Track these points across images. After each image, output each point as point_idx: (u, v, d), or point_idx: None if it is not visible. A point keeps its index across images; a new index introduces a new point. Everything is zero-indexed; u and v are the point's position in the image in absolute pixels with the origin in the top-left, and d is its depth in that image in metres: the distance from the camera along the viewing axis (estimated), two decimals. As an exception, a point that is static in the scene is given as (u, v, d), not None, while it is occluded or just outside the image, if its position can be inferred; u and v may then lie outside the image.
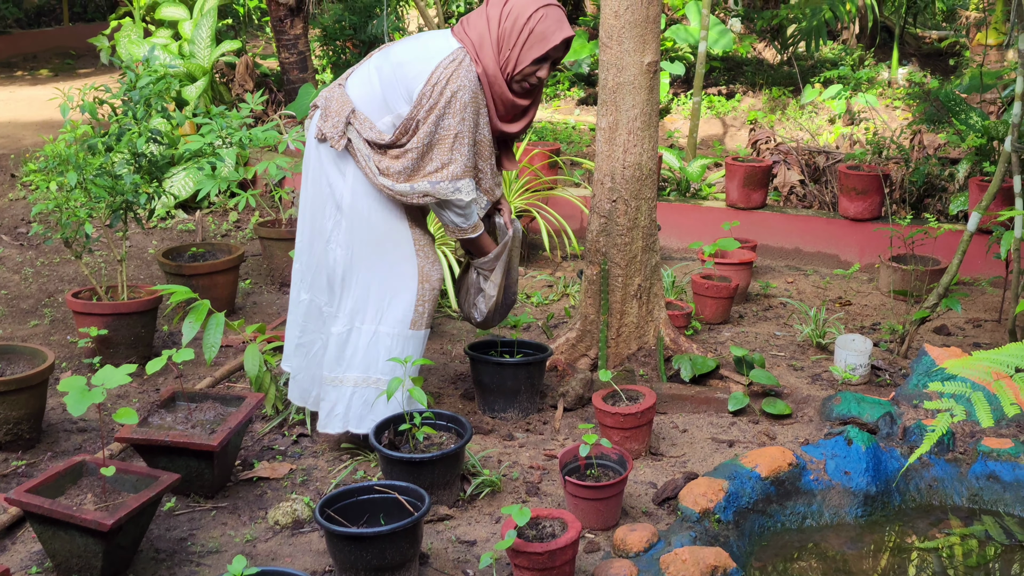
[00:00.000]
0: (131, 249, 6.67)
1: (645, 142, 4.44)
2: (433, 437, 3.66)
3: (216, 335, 3.89)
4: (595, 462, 3.51)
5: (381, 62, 3.79)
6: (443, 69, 3.66)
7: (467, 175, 3.76)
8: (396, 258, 3.84)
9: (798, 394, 4.44)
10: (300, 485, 3.76)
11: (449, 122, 3.68)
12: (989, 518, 3.65)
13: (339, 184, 3.80)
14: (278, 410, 4.22)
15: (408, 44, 3.84)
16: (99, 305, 4.73)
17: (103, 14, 15.36)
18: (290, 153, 7.51)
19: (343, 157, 3.77)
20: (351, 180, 3.78)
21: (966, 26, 11.19)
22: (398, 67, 3.73)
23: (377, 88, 3.76)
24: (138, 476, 3.31)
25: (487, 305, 4.12)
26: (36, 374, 3.95)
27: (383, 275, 3.83)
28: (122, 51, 8.89)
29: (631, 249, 4.51)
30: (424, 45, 3.79)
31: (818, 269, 6.63)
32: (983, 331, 5.44)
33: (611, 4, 4.34)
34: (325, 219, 3.85)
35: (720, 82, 11.18)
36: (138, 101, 4.92)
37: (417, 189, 3.73)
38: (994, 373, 2.67)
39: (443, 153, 3.71)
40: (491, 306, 4.11)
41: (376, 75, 3.78)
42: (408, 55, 3.76)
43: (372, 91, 3.77)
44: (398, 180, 3.72)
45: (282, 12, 8.86)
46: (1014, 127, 4.68)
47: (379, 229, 3.82)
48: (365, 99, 3.77)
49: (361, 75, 3.83)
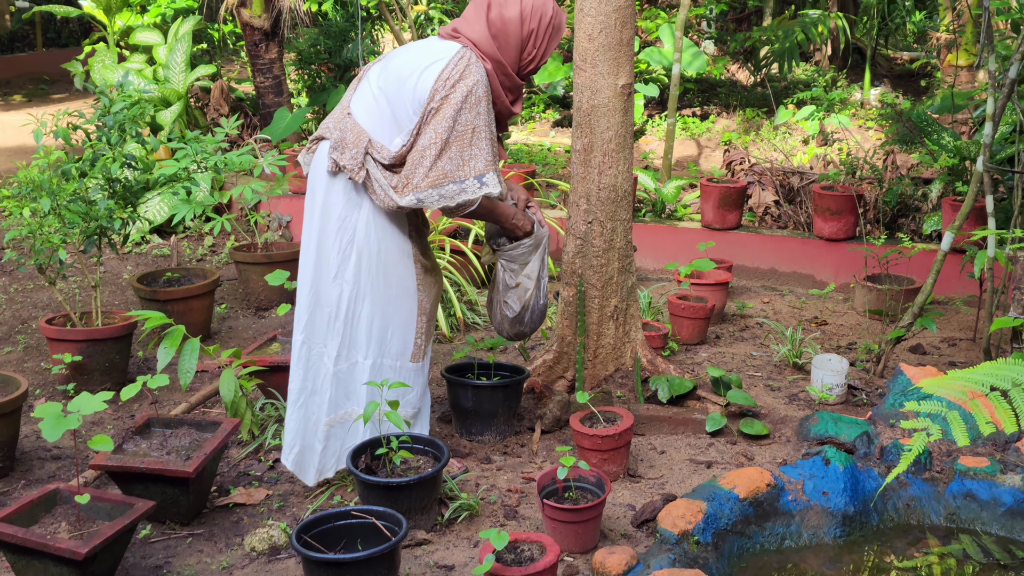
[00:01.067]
0: (106, 275, 6.64)
1: (620, 164, 4.45)
2: (410, 461, 3.64)
3: (191, 361, 3.87)
4: (573, 485, 3.50)
5: (384, 82, 3.69)
6: (453, 67, 3.60)
7: (490, 168, 3.65)
8: (399, 292, 3.78)
9: (775, 414, 4.45)
10: (277, 511, 3.73)
11: (467, 117, 3.59)
12: (967, 537, 3.65)
13: (353, 217, 3.69)
14: (254, 435, 4.19)
15: (405, 55, 3.75)
16: (73, 331, 4.69)
17: (77, 40, 15.33)
18: (265, 177, 7.50)
19: (359, 189, 3.67)
20: (366, 213, 3.69)
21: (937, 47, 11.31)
22: (403, 81, 3.64)
23: (386, 109, 3.67)
24: (113, 504, 3.28)
25: (521, 302, 4.01)
26: (9, 401, 3.91)
27: (384, 310, 3.76)
28: (96, 76, 8.87)
29: (607, 270, 4.52)
30: (424, 52, 3.72)
31: (794, 289, 6.66)
32: (958, 350, 5.47)
33: (585, 27, 4.36)
34: (332, 253, 3.72)
35: (694, 103, 11.24)
36: (112, 126, 4.90)
37: (444, 193, 3.60)
38: (969, 392, 2.68)
39: (463, 149, 3.60)
40: (526, 300, 4.00)
41: (382, 96, 3.68)
42: (410, 65, 3.67)
43: (381, 114, 3.68)
44: (419, 189, 3.59)
45: (257, 36, 8.86)
46: (986, 147, 4.72)
47: (387, 264, 3.74)
48: (376, 124, 3.68)
49: (365, 100, 3.73)
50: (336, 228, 3.70)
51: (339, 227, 3.70)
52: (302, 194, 7.61)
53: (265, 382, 4.38)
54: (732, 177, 7.65)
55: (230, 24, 11.64)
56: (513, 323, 4.09)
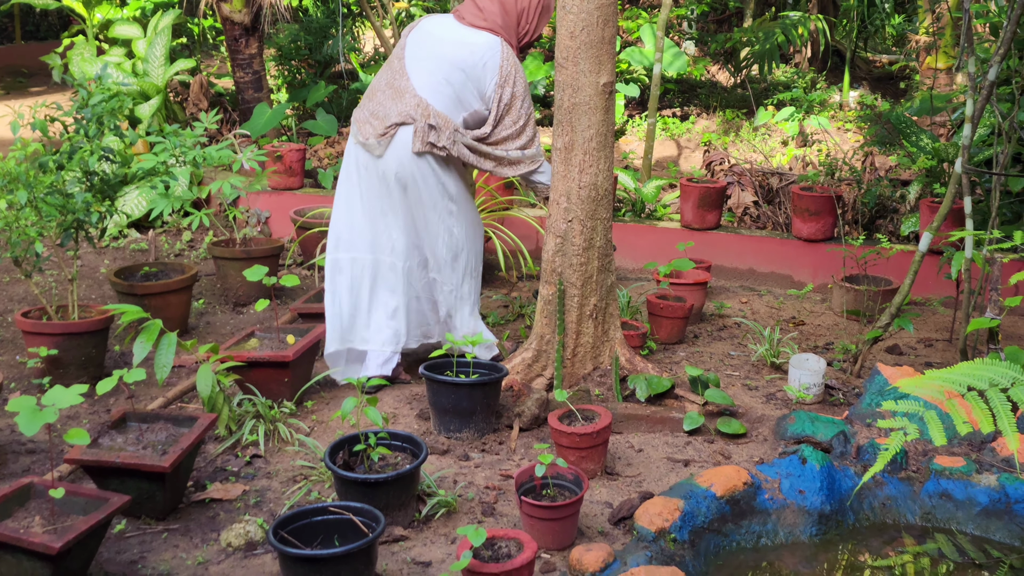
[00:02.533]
0: (83, 268, 6.60)
1: (601, 162, 4.45)
2: (388, 457, 3.63)
3: (168, 355, 3.85)
4: (551, 482, 3.50)
5: (448, 75, 4.57)
6: (504, 60, 4.60)
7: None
8: (479, 234, 4.91)
9: (753, 413, 4.46)
10: (253, 506, 3.71)
11: (529, 102, 4.71)
12: (942, 536, 3.67)
13: (448, 181, 4.65)
14: (231, 431, 4.17)
15: (457, 47, 4.60)
16: (49, 325, 4.66)
17: (56, 32, 15.23)
18: (244, 173, 7.48)
19: (448, 158, 4.61)
20: (455, 173, 4.68)
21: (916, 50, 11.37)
22: (469, 71, 4.57)
23: (453, 94, 4.57)
24: (87, 498, 3.26)
25: None
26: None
27: (476, 247, 4.87)
28: (75, 69, 8.81)
29: (587, 269, 4.52)
30: (473, 45, 4.59)
31: (772, 289, 6.68)
32: (935, 350, 5.50)
33: (567, 25, 4.35)
34: (442, 213, 4.68)
35: (675, 104, 11.26)
36: (90, 119, 4.87)
37: (526, 154, 4.76)
38: (946, 392, 2.69)
39: (532, 126, 4.77)
40: None
41: (449, 86, 4.57)
42: (470, 59, 4.57)
43: (451, 97, 4.58)
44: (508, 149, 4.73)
45: (237, 32, 8.83)
46: (964, 149, 4.74)
47: (470, 200, 4.83)
48: (447, 106, 4.57)
49: (436, 89, 4.57)
50: (439, 194, 4.64)
51: (439, 193, 4.64)
52: (281, 190, 7.64)
53: (243, 377, 4.37)
54: (712, 177, 7.67)
55: (210, 19, 11.58)
56: None
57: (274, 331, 4.65)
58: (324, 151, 8.86)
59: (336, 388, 4.75)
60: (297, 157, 7.67)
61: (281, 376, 4.40)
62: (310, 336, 4.60)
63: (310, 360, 4.65)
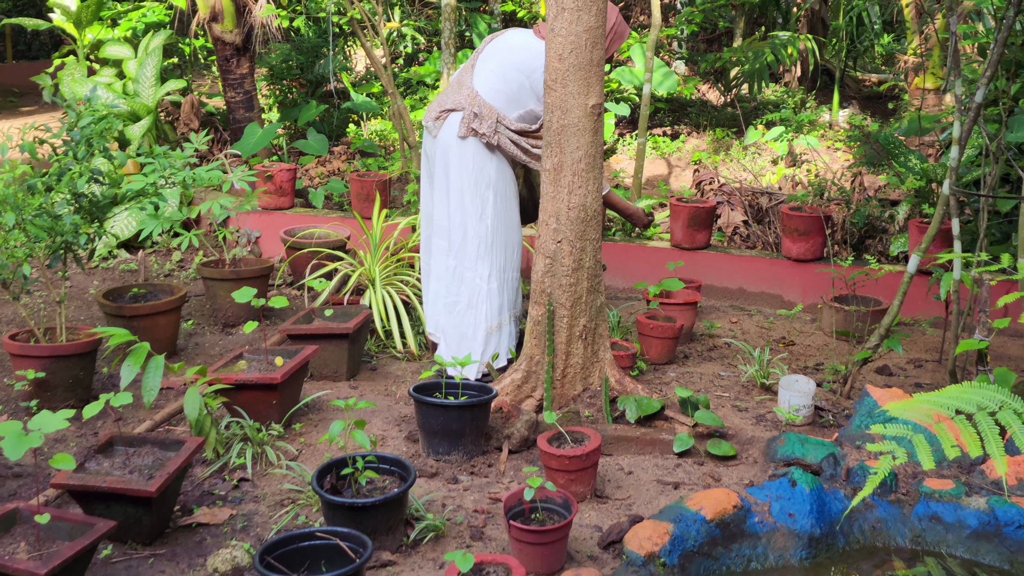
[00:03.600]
0: (72, 290, 6.58)
1: (590, 183, 4.46)
2: (376, 481, 3.62)
3: (155, 378, 3.83)
4: (540, 506, 3.49)
5: (509, 73, 5.02)
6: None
7: None
8: (516, 221, 5.19)
9: (743, 435, 4.45)
10: (240, 531, 3.69)
11: None
12: (932, 559, 3.67)
13: (488, 168, 4.99)
14: (219, 454, 4.15)
15: (522, 52, 5.03)
16: (36, 347, 4.64)
17: (47, 52, 15.25)
18: (234, 193, 7.47)
19: (490, 148, 4.97)
20: (496, 164, 5.02)
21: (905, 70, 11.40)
22: (528, 75, 4.97)
23: (510, 91, 5.01)
24: (73, 523, 3.24)
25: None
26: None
27: (513, 236, 5.15)
28: (65, 90, 8.80)
29: (576, 290, 4.52)
30: (535, 51, 4.88)
31: (762, 309, 6.68)
32: (924, 371, 5.50)
33: (555, 47, 4.36)
34: (476, 199, 5.00)
35: (665, 123, 11.29)
36: (79, 141, 4.86)
37: None
38: (935, 415, 2.69)
39: None
40: None
41: (504, 83, 5.01)
42: (530, 62, 4.95)
43: (507, 93, 5.01)
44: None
45: (228, 51, 8.83)
46: (952, 170, 4.76)
47: (512, 200, 5.15)
48: (501, 100, 5.00)
49: (491, 83, 5.02)
50: (475, 179, 4.98)
51: (476, 178, 4.98)
52: (272, 210, 7.63)
53: (231, 400, 4.35)
54: (701, 197, 7.68)
55: (202, 39, 11.60)
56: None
57: (263, 353, 4.64)
58: (315, 170, 8.86)
59: (324, 410, 4.73)
60: (288, 177, 7.66)
61: (269, 398, 4.39)
62: (298, 358, 4.59)
63: (299, 382, 4.64)
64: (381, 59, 10.48)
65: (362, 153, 9.55)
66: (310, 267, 6.29)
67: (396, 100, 8.22)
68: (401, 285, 5.80)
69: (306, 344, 4.95)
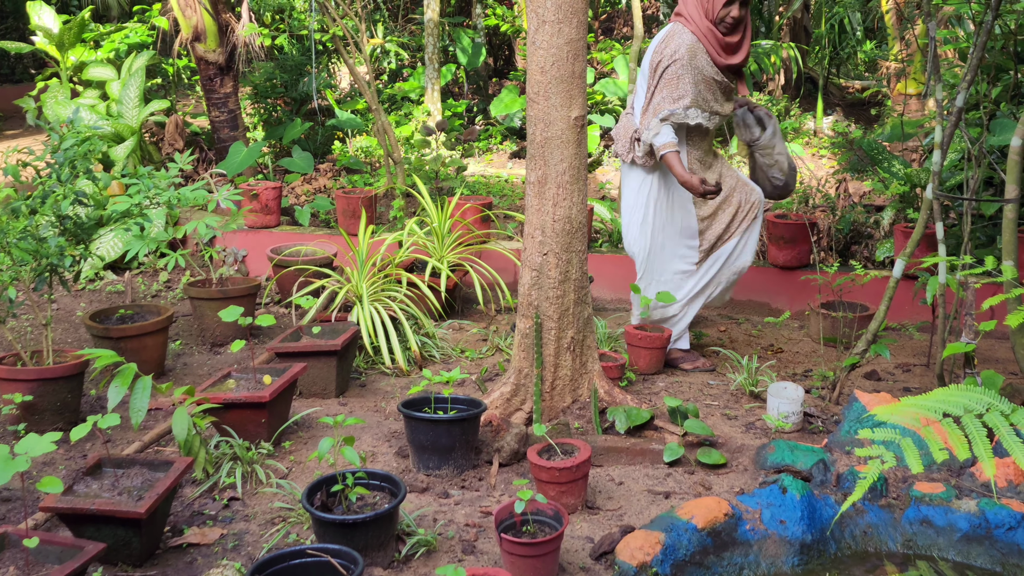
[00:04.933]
0: (59, 312, 6.56)
1: (574, 195, 4.46)
2: (367, 497, 3.61)
3: (143, 399, 3.82)
4: (531, 518, 3.48)
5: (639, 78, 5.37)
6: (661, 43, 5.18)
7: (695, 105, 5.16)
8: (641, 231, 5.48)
9: (732, 443, 4.45)
10: (231, 550, 3.68)
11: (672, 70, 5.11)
12: (923, 563, 3.67)
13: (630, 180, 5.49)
14: (208, 474, 4.14)
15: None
16: (23, 371, 4.62)
17: (30, 75, 15.23)
18: (220, 212, 7.46)
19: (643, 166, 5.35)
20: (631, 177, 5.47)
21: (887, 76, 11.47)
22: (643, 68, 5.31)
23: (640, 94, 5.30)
24: (63, 547, 3.22)
25: (780, 170, 5.55)
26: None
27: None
28: (49, 112, 8.79)
29: (563, 302, 4.52)
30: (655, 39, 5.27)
31: (750, 317, 6.69)
32: (912, 375, 5.52)
33: (537, 60, 4.37)
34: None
35: (650, 134, 11.30)
36: (63, 163, 4.85)
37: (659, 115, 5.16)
38: (923, 419, 2.70)
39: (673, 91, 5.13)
40: (785, 168, 5.56)
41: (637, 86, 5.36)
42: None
43: (638, 99, 5.32)
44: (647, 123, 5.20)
45: (211, 71, 8.84)
46: (935, 175, 4.78)
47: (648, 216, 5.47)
48: (637, 110, 5.31)
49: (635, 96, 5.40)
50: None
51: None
52: (258, 228, 7.63)
53: (220, 419, 4.34)
54: (687, 207, 7.68)
55: (185, 59, 11.60)
56: (782, 188, 5.63)
57: (251, 371, 4.63)
58: (301, 188, 8.86)
59: (314, 428, 4.72)
60: (273, 195, 7.66)
61: (258, 417, 4.38)
62: (287, 376, 4.58)
63: (287, 400, 4.63)
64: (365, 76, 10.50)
65: (347, 170, 9.56)
66: (297, 285, 6.29)
67: (380, 116, 8.23)
68: (388, 301, 5.79)
69: (294, 362, 4.94)
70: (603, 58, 11.98)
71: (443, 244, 6.59)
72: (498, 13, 13.14)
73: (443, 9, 13.37)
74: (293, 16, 11.98)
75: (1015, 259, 4.49)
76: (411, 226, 6.59)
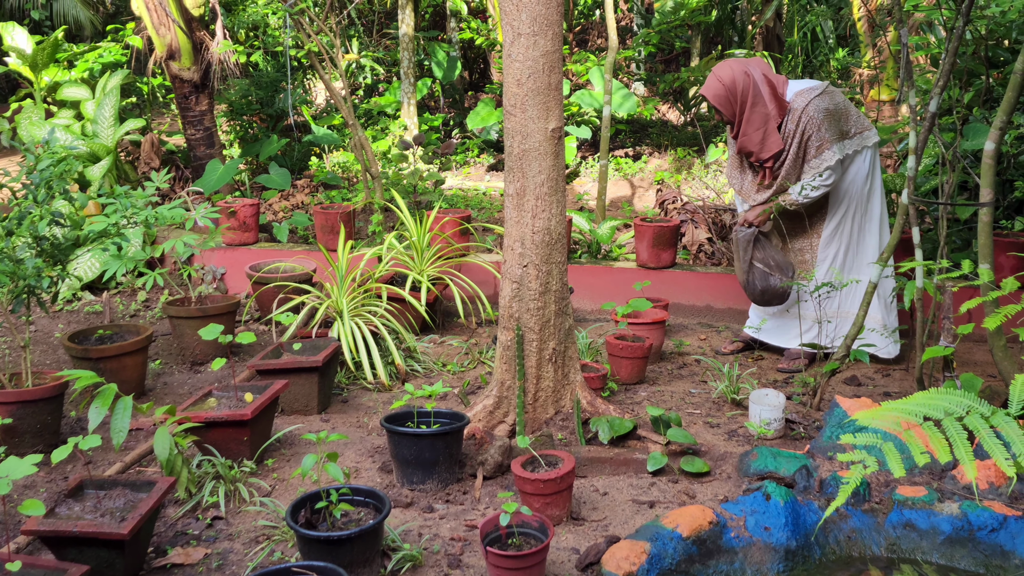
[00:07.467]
0: (37, 334, 6.52)
1: (553, 207, 4.47)
2: (351, 513, 3.60)
3: (123, 420, 3.80)
4: (516, 531, 3.48)
5: None
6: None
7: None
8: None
9: (715, 451, 4.46)
10: (216, 570, 3.66)
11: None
12: (907, 567, 3.68)
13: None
14: (191, 493, 4.12)
15: None
16: (3, 393, 4.59)
17: (3, 96, 15.15)
18: (198, 230, 7.44)
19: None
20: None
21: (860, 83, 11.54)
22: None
23: None
24: (46, 570, 3.20)
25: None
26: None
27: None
28: (23, 133, 8.75)
29: (544, 313, 4.52)
30: None
31: (730, 325, 6.71)
32: (892, 380, 5.54)
33: (514, 73, 4.39)
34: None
35: (627, 144, 11.35)
36: (39, 184, 4.83)
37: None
38: (903, 423, 2.71)
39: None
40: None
41: None
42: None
43: None
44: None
45: (187, 89, 8.82)
46: (910, 180, 4.81)
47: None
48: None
49: None
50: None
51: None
52: (236, 246, 7.61)
53: (202, 438, 4.32)
54: (665, 216, 7.73)
55: (160, 77, 11.57)
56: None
57: (232, 389, 4.61)
58: (279, 204, 8.84)
59: (297, 445, 4.71)
60: (251, 212, 7.65)
61: (240, 435, 4.36)
62: (268, 393, 4.57)
63: (269, 417, 4.61)
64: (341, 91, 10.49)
65: (325, 185, 9.55)
66: (277, 301, 6.27)
67: (357, 131, 8.23)
68: (369, 316, 5.78)
69: (276, 379, 4.93)
70: (578, 70, 12.02)
71: (423, 258, 6.58)
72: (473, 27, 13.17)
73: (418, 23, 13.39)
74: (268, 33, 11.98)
75: (991, 262, 4.53)
76: (390, 240, 6.59)
